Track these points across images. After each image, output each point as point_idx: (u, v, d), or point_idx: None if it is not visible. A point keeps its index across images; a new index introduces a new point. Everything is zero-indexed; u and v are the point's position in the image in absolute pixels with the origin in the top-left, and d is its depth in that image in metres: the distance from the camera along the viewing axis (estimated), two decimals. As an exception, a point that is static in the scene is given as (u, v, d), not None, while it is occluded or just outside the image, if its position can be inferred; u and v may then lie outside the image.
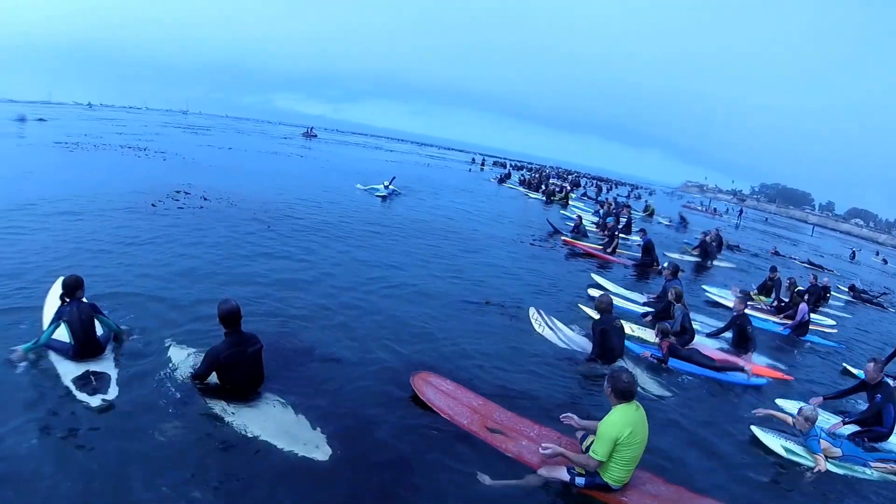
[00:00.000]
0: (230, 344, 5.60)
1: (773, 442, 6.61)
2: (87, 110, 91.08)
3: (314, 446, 5.10)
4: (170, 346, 6.64)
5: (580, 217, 22.98)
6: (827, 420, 7.38)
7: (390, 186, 26.06)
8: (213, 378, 5.68)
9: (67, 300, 6.18)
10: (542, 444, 5.18)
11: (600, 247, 18.86)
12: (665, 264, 12.94)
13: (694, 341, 9.58)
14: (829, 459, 6.33)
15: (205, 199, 17.83)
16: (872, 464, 6.46)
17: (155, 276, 9.47)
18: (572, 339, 9.10)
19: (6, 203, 13.48)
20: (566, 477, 5.01)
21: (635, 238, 20.74)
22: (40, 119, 50.06)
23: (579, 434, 5.65)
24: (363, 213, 20.21)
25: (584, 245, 19.08)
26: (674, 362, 8.65)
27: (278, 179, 26.67)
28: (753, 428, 6.87)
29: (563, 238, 20.21)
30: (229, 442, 5.06)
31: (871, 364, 7.43)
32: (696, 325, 10.07)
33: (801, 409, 6.54)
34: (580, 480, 4.95)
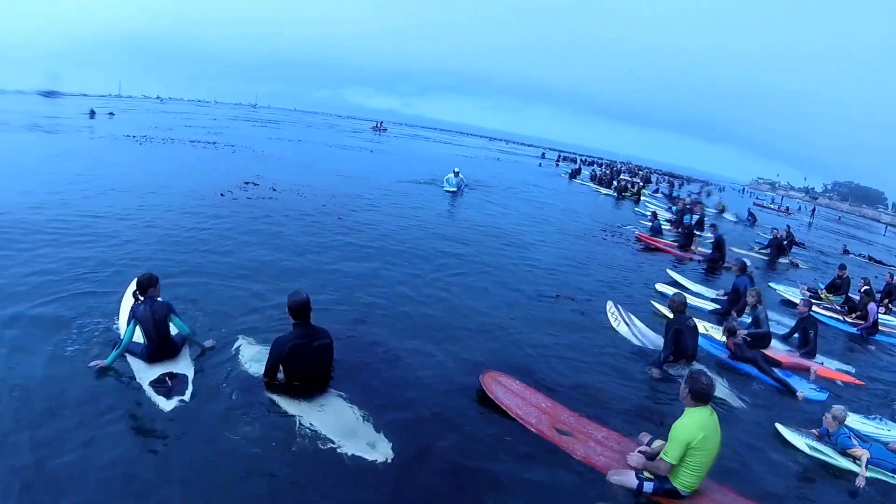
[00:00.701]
0: (296, 335, 5.56)
1: (798, 440, 6.45)
2: (157, 104, 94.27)
3: (376, 446, 5.02)
4: (240, 341, 6.71)
5: (655, 213, 22.70)
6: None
7: (459, 175, 25.34)
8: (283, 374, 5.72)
9: (141, 298, 6.08)
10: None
11: (675, 243, 18.50)
12: (734, 260, 12.67)
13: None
14: (857, 461, 6.09)
15: (273, 189, 18.46)
16: None
17: (222, 262, 9.94)
18: (648, 336, 8.83)
19: (80, 192, 14.49)
20: (634, 482, 4.88)
21: (708, 234, 20.34)
22: (110, 113, 52.38)
23: (645, 438, 5.55)
24: (433, 206, 20.30)
25: (657, 241, 18.75)
26: (737, 364, 8.50)
27: (347, 172, 27.00)
28: (778, 426, 6.69)
29: (636, 234, 19.92)
30: (293, 440, 5.08)
31: None
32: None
33: (831, 409, 6.40)
34: (648, 486, 4.82)
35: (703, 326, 9.51)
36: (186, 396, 5.46)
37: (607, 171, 54.27)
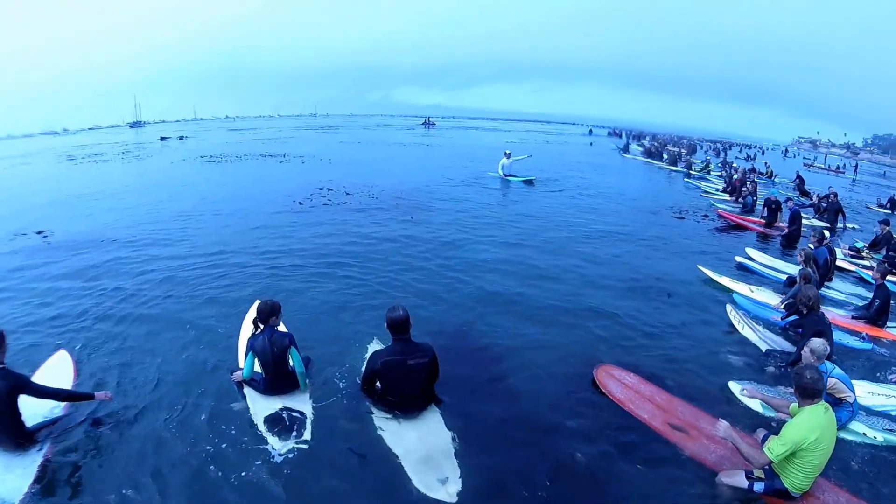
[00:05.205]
0: (391, 352, 5.19)
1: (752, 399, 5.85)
2: (229, 122, 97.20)
3: (445, 484, 4.49)
4: (349, 364, 6.35)
5: (742, 188, 21.31)
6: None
7: (511, 157, 23.94)
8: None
9: (261, 327, 5.57)
10: (719, 421, 4.66)
11: (760, 220, 16.83)
12: (812, 230, 11.96)
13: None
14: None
15: (346, 193, 18.63)
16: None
17: (314, 272, 9.82)
18: (776, 340, 7.69)
19: (166, 212, 15.49)
20: (745, 483, 4.52)
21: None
22: (180, 137, 54.03)
23: (760, 434, 5.08)
24: (499, 198, 19.63)
25: (738, 217, 17.28)
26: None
27: (409, 169, 26.67)
28: (731, 384, 6.17)
29: (718, 211, 18.29)
30: (372, 464, 4.77)
31: None
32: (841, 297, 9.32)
33: (810, 343, 5.37)
34: (759, 486, 4.46)
35: (747, 289, 9.34)
36: (304, 436, 5.03)
37: (655, 143, 53.24)
